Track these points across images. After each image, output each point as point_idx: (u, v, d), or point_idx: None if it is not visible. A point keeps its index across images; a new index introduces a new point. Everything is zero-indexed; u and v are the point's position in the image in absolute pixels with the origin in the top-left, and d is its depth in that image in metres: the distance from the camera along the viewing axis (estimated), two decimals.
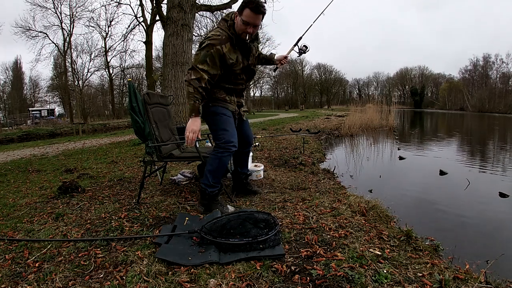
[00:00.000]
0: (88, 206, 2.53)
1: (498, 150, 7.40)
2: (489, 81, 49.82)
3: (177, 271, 1.45)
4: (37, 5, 24.09)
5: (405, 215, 2.57)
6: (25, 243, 1.82)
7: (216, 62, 2.03)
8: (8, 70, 36.60)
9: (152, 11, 16.81)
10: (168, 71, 7.00)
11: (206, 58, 2.00)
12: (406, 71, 65.73)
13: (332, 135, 9.49)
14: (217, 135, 2.20)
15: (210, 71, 2.03)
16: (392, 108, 13.93)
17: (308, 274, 1.40)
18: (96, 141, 8.82)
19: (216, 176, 2.19)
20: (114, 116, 33.55)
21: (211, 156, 2.20)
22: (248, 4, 1.96)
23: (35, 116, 29.52)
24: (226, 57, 2.05)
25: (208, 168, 2.17)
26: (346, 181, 3.80)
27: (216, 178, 2.20)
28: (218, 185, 2.21)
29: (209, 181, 2.17)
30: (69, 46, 28.11)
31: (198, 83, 2.00)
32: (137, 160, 4.78)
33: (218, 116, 2.20)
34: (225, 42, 2.04)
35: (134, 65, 35.30)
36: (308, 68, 60.94)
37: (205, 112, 2.21)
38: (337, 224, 1.96)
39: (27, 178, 3.98)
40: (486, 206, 3.12)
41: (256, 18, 2.00)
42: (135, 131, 3.64)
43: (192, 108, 2.02)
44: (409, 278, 1.37)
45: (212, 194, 2.19)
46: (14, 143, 12.58)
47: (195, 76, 2.00)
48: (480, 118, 26.72)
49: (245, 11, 1.97)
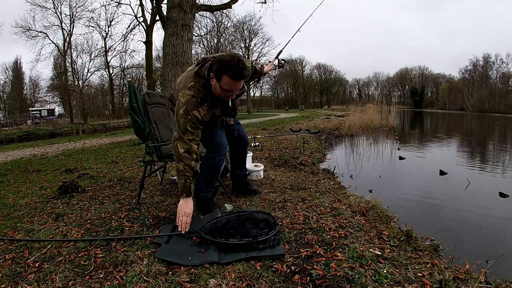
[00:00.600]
0: (88, 206, 2.54)
1: (498, 150, 7.40)
2: (489, 81, 49.82)
3: (177, 271, 1.45)
4: (37, 5, 24.13)
5: (405, 215, 2.57)
6: (25, 243, 1.82)
7: (197, 126, 1.83)
8: (8, 70, 36.66)
9: (152, 11, 16.80)
10: (168, 71, 7.00)
11: (186, 126, 1.79)
12: (406, 71, 65.78)
13: (332, 135, 9.49)
14: (207, 144, 2.11)
15: (196, 137, 1.84)
16: (392, 108, 13.93)
17: (308, 274, 1.40)
18: (96, 141, 8.83)
19: (209, 181, 2.13)
20: (114, 116, 33.54)
21: (202, 162, 2.07)
22: (226, 71, 1.69)
23: (35, 116, 29.53)
24: (204, 119, 1.87)
25: (200, 174, 2.04)
26: (346, 181, 3.80)
27: (209, 183, 2.13)
28: (212, 190, 2.16)
29: (202, 186, 2.12)
30: (69, 46, 28.12)
31: (189, 157, 1.79)
32: (137, 160, 4.78)
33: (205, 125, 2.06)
34: (202, 104, 1.83)
35: (134, 65, 35.37)
36: (308, 68, 61.05)
37: None
38: (337, 224, 1.96)
39: (27, 178, 3.98)
40: (486, 206, 3.12)
41: (238, 84, 1.77)
42: (135, 131, 3.65)
43: (183, 188, 1.81)
44: (409, 278, 1.37)
45: (206, 199, 2.15)
46: (14, 143, 12.59)
47: (183, 149, 1.78)
48: (480, 118, 26.72)
49: (224, 78, 1.72)
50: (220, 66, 1.71)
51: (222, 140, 2.10)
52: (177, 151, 1.80)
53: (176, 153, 1.82)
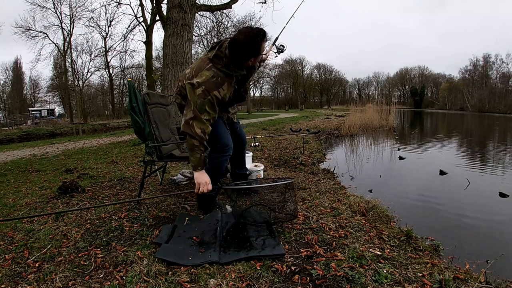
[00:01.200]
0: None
1: (498, 150, 7.40)
2: (489, 81, 49.79)
3: (177, 271, 1.45)
4: (37, 5, 24.11)
5: (405, 215, 2.57)
6: (25, 243, 1.82)
7: (215, 107, 1.88)
8: (8, 70, 36.64)
9: (152, 11, 16.81)
10: (168, 71, 7.00)
11: (204, 106, 1.83)
12: (406, 71, 65.76)
13: (332, 135, 9.49)
14: (213, 143, 2.11)
15: (212, 118, 1.88)
16: (392, 108, 13.93)
17: (308, 274, 1.40)
18: (96, 141, 8.83)
19: (213, 181, 2.13)
20: (114, 116, 33.56)
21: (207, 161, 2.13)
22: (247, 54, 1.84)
23: (35, 116, 29.51)
24: (224, 99, 1.91)
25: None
26: (346, 181, 3.80)
27: (214, 183, 2.14)
28: (215, 189, 2.19)
29: None
30: (69, 46, 28.12)
31: (203, 136, 1.85)
32: (137, 160, 4.78)
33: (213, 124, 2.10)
34: (222, 84, 1.87)
35: (134, 65, 35.34)
36: (308, 68, 61.04)
37: None
38: (337, 224, 1.96)
39: (27, 178, 3.97)
40: (486, 206, 3.12)
41: (263, 46, 1.84)
42: (135, 131, 3.64)
43: (198, 162, 1.88)
44: (409, 278, 1.37)
45: (210, 197, 2.17)
46: (14, 143, 12.59)
47: (200, 129, 1.83)
48: (480, 118, 26.72)
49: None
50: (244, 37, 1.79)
51: (228, 140, 2.13)
52: (193, 130, 1.83)
53: (192, 132, 1.83)
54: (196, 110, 1.82)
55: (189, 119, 1.84)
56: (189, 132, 1.85)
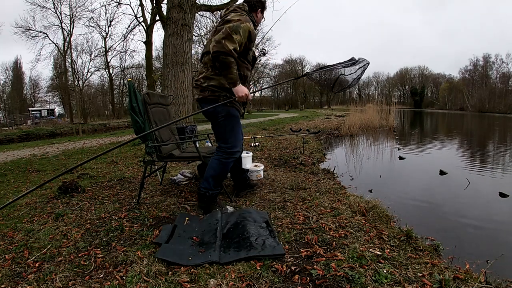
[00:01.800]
0: (88, 206, 2.54)
1: (498, 150, 7.40)
2: (489, 81, 49.77)
3: (177, 271, 1.45)
4: (37, 5, 24.14)
5: (405, 215, 2.57)
6: (25, 243, 1.82)
7: (246, 35, 1.99)
8: (8, 70, 36.62)
9: (152, 11, 16.83)
10: (168, 71, 7.00)
11: (239, 29, 1.94)
12: (406, 71, 65.72)
13: (332, 135, 9.49)
14: (226, 138, 2.15)
15: (240, 43, 1.97)
16: (392, 108, 13.93)
17: (308, 274, 1.40)
18: (96, 141, 8.82)
19: (219, 181, 2.20)
20: (114, 116, 33.54)
21: (214, 161, 2.16)
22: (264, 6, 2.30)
23: (35, 116, 29.50)
24: (252, 34, 2.06)
25: (211, 173, 2.14)
26: (346, 181, 3.80)
27: (218, 183, 2.20)
28: (219, 188, 2.22)
29: (211, 185, 2.15)
30: (69, 46, 28.13)
31: (235, 54, 1.94)
32: (137, 160, 4.78)
33: (233, 118, 2.16)
34: (249, 22, 2.06)
35: (134, 65, 35.37)
36: (308, 68, 60.94)
37: (219, 112, 2.10)
38: (337, 224, 1.96)
39: (27, 178, 3.98)
40: (486, 206, 3.12)
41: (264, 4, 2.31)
42: (135, 131, 3.65)
43: (236, 77, 1.97)
44: (409, 278, 1.37)
45: (212, 196, 2.19)
46: (14, 143, 12.58)
47: (232, 46, 1.90)
48: (480, 118, 26.71)
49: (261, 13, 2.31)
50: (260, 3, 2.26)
51: (240, 143, 2.23)
52: (227, 47, 1.89)
53: (226, 49, 1.89)
54: (228, 31, 1.91)
55: (221, 39, 1.90)
56: (222, 50, 1.89)
